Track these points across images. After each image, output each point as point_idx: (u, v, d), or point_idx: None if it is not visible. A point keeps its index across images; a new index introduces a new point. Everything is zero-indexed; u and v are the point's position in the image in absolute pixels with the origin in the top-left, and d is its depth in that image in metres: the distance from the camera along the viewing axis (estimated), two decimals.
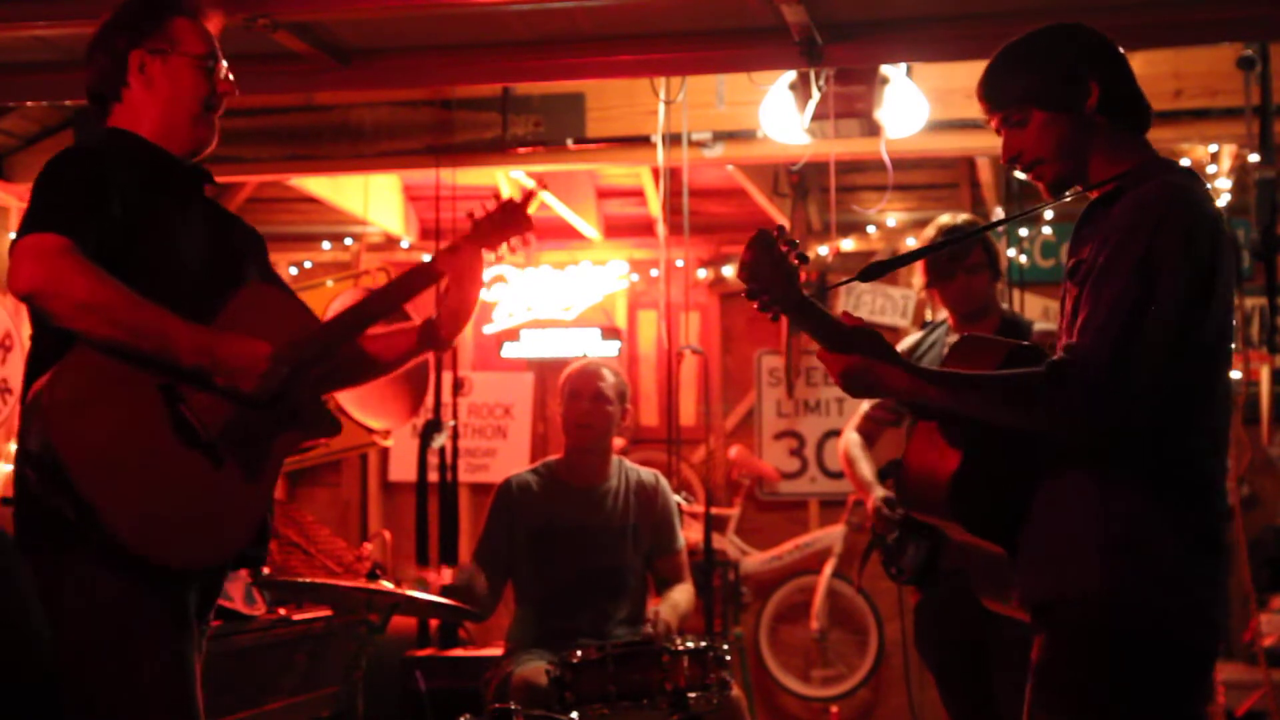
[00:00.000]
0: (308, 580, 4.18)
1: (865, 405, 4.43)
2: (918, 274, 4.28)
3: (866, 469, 4.34)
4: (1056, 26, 2.64)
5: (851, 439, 4.42)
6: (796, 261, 2.55)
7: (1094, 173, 2.59)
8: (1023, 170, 2.64)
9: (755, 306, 2.58)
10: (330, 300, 6.34)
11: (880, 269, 2.62)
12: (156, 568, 2.58)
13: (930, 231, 4.23)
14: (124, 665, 2.60)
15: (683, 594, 4.50)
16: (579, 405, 4.50)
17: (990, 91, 2.63)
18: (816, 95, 4.82)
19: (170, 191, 2.81)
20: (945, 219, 4.26)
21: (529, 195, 3.05)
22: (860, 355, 2.54)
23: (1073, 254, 2.57)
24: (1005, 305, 4.55)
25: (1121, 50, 2.65)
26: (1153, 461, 2.43)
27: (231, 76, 2.90)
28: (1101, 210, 2.54)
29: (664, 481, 4.64)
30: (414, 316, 3.14)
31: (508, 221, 3.00)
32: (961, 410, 2.52)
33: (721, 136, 5.71)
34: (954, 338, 4.11)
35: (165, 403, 2.63)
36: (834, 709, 7.31)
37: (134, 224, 2.68)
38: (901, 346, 4.33)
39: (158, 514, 2.59)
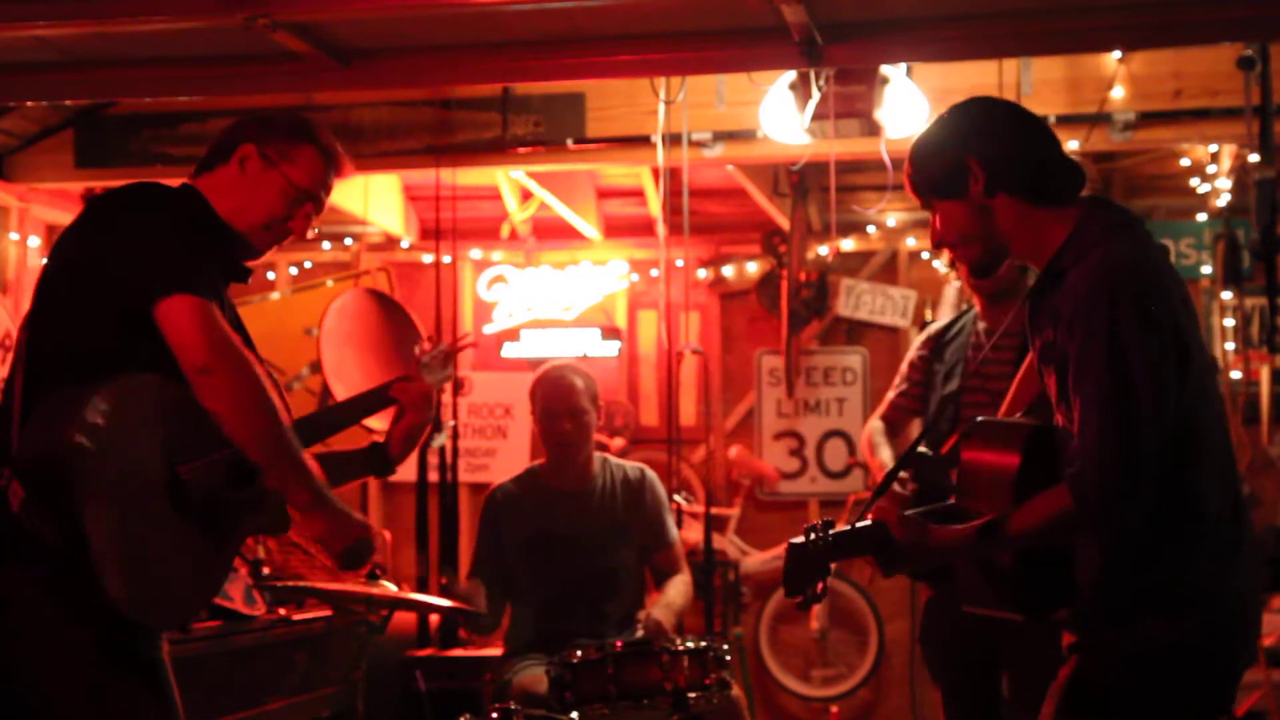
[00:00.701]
0: (308, 585, 4.18)
1: (891, 393, 4.41)
2: (944, 254, 4.23)
3: (887, 455, 4.29)
4: (951, 110, 2.67)
5: (875, 426, 4.39)
6: (825, 537, 2.52)
7: (1021, 248, 2.60)
8: (950, 251, 2.69)
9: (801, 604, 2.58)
10: (330, 300, 6.34)
11: (889, 479, 2.63)
12: (121, 617, 2.54)
13: None
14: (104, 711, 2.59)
15: (678, 589, 4.47)
16: (558, 426, 4.46)
17: (906, 182, 2.70)
18: (816, 95, 4.82)
19: (223, 270, 2.84)
20: None
21: (460, 344, 3.35)
22: (910, 544, 2.52)
23: (1034, 332, 2.58)
24: None
25: (1036, 123, 2.64)
26: (1164, 505, 2.42)
27: (315, 227, 2.93)
28: (1050, 284, 2.53)
29: (650, 475, 4.61)
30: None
31: (442, 364, 3.28)
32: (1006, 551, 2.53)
33: (721, 136, 5.71)
34: (984, 324, 4.09)
35: (165, 459, 2.60)
36: (834, 709, 7.31)
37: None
38: (930, 331, 4.30)
39: (139, 566, 2.56)
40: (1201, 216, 7.04)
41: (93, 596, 2.50)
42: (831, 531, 2.51)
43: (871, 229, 7.60)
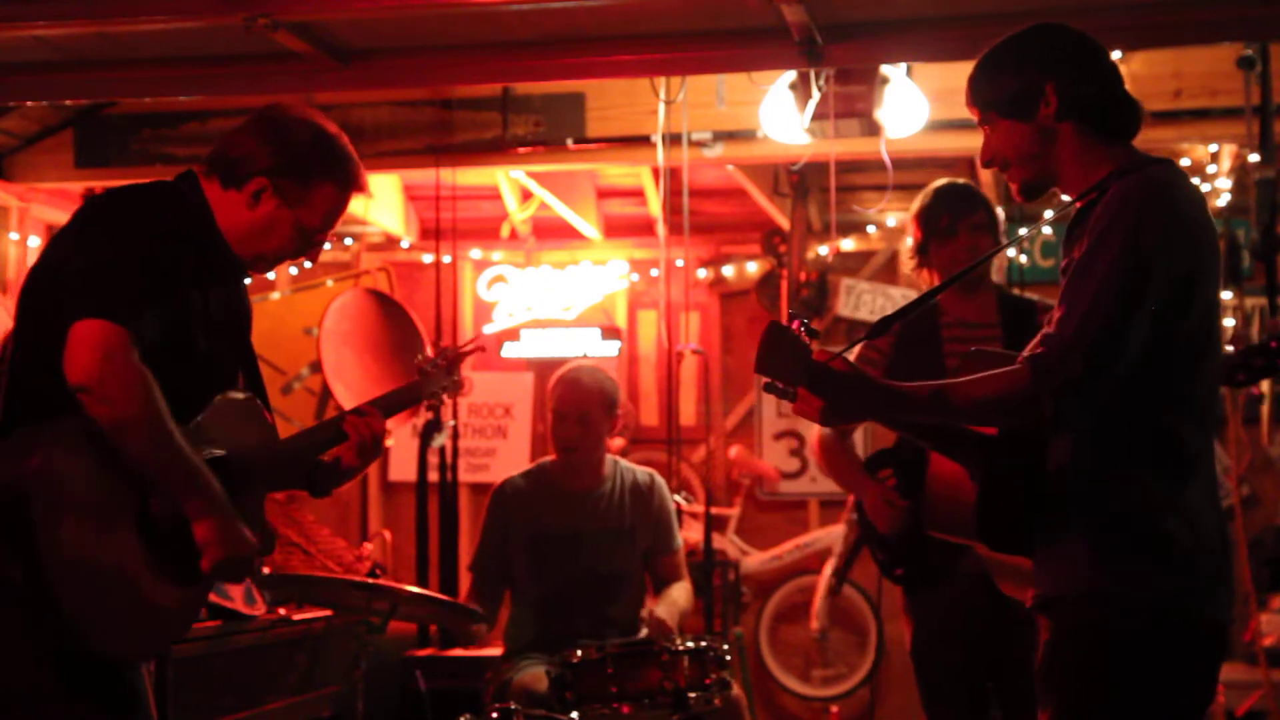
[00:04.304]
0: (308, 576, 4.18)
1: None
2: (909, 234, 4.10)
3: (854, 460, 4.04)
4: (1028, 31, 2.66)
5: (824, 432, 4.08)
6: (808, 338, 2.53)
7: (1070, 178, 2.60)
8: (999, 170, 2.68)
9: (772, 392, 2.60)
10: (330, 300, 6.35)
11: (888, 322, 2.63)
12: (87, 651, 2.52)
13: (924, 200, 4.02)
14: None
15: (681, 593, 4.49)
16: (565, 429, 4.47)
17: (968, 93, 2.69)
18: (816, 95, 4.82)
19: (211, 280, 2.77)
20: (942, 181, 4.07)
21: (465, 348, 3.33)
22: (850, 382, 2.54)
23: (1064, 255, 2.59)
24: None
25: (1106, 55, 2.65)
26: (1145, 455, 2.44)
27: (320, 255, 2.90)
28: (1088, 210, 2.55)
29: (660, 481, 4.62)
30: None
31: (446, 372, 3.25)
32: (951, 420, 2.56)
33: (721, 136, 5.71)
34: (951, 315, 4.01)
35: (135, 492, 2.57)
36: (834, 709, 7.31)
37: (169, 310, 2.63)
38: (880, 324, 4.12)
39: (104, 599, 2.53)
40: None
41: (56, 631, 2.48)
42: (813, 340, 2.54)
43: (871, 229, 7.60)
